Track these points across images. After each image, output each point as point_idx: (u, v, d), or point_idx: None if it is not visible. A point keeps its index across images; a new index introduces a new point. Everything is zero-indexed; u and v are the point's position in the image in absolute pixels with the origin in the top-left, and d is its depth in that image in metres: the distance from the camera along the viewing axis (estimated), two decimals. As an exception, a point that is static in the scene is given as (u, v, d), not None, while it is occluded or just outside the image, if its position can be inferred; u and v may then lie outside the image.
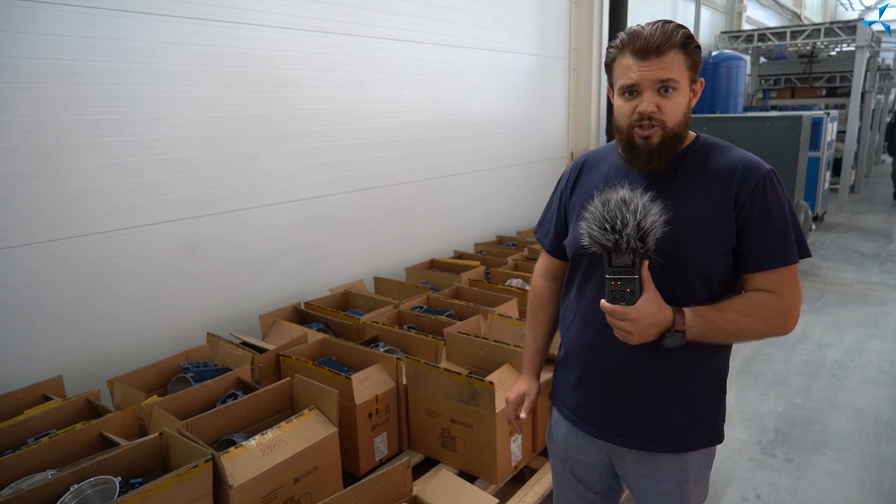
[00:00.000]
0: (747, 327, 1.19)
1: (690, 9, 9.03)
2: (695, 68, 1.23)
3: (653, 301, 1.15)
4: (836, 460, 2.76)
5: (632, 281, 1.15)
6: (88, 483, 1.63)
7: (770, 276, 1.21)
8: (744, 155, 1.26)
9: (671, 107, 1.20)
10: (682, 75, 1.20)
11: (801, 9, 14.47)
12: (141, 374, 2.43)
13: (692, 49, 1.21)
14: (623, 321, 1.15)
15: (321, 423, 1.97)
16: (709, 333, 1.18)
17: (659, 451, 1.33)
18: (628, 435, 1.34)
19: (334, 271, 3.70)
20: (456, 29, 4.39)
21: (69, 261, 2.51)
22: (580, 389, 1.40)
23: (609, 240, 1.14)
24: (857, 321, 4.49)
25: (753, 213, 1.19)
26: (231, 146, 3.04)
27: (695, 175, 1.25)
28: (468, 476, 2.20)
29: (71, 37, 2.41)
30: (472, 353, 2.48)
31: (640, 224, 1.13)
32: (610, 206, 1.16)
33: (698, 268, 1.22)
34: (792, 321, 1.23)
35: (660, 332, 1.17)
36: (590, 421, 1.39)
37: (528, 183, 5.46)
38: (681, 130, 1.23)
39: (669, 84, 1.18)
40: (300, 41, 3.30)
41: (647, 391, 1.30)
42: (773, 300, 1.20)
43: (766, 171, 1.21)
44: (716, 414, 1.34)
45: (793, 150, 5.66)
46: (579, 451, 1.45)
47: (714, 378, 1.33)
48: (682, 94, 1.21)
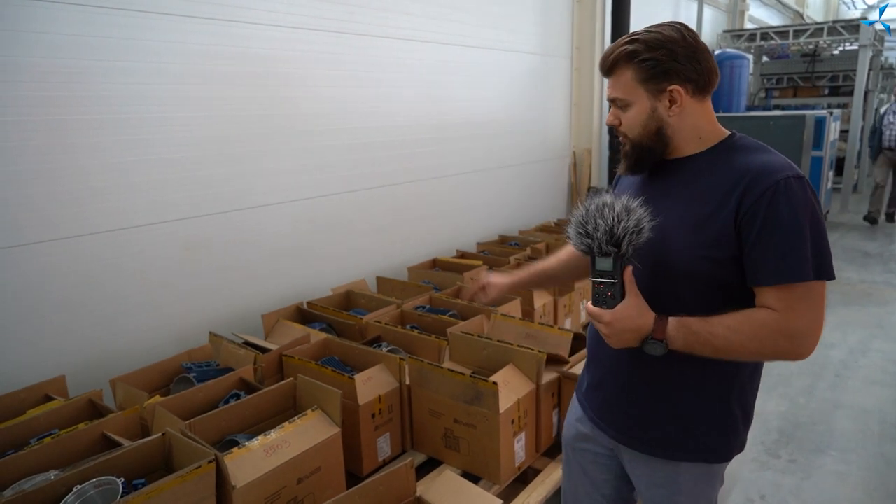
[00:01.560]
0: (739, 345, 1.12)
1: (693, 8, 9.01)
2: (654, 78, 1.19)
3: (633, 307, 1.15)
4: (840, 461, 2.75)
5: (612, 285, 1.16)
6: (91, 484, 1.62)
7: (775, 293, 1.11)
8: (766, 159, 1.16)
9: (627, 121, 1.25)
10: (633, 90, 1.21)
11: (803, 8, 14.44)
12: (143, 374, 2.42)
13: (640, 61, 1.18)
14: (600, 324, 1.18)
15: (324, 423, 1.97)
16: (693, 346, 1.14)
17: (648, 453, 1.32)
18: (620, 430, 1.35)
19: (337, 271, 3.69)
20: (459, 28, 4.38)
21: (71, 260, 2.50)
22: (589, 379, 1.46)
23: (583, 244, 1.17)
24: (861, 321, 4.48)
25: (756, 221, 1.10)
26: (234, 145, 3.04)
27: (703, 177, 1.21)
28: (471, 477, 2.19)
29: (72, 36, 2.40)
30: (476, 353, 2.47)
31: (612, 230, 1.13)
32: (589, 210, 1.18)
33: (681, 271, 1.19)
34: (804, 347, 1.12)
35: (639, 338, 1.17)
36: (593, 409, 1.43)
37: (530, 182, 5.45)
38: (645, 141, 1.24)
39: (618, 102, 1.24)
40: (303, 40, 3.29)
41: (638, 393, 1.30)
42: (773, 319, 1.10)
43: (782, 177, 1.11)
44: (716, 430, 1.27)
45: (796, 149, 5.65)
46: (585, 440, 1.47)
47: (712, 393, 1.25)
48: (638, 108, 1.22)
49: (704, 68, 1.20)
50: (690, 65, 1.18)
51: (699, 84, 1.20)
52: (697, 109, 1.23)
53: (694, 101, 1.21)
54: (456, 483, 1.96)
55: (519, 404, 2.21)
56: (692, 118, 1.22)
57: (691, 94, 1.20)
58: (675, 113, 1.21)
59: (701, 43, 1.21)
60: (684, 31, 1.20)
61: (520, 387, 2.25)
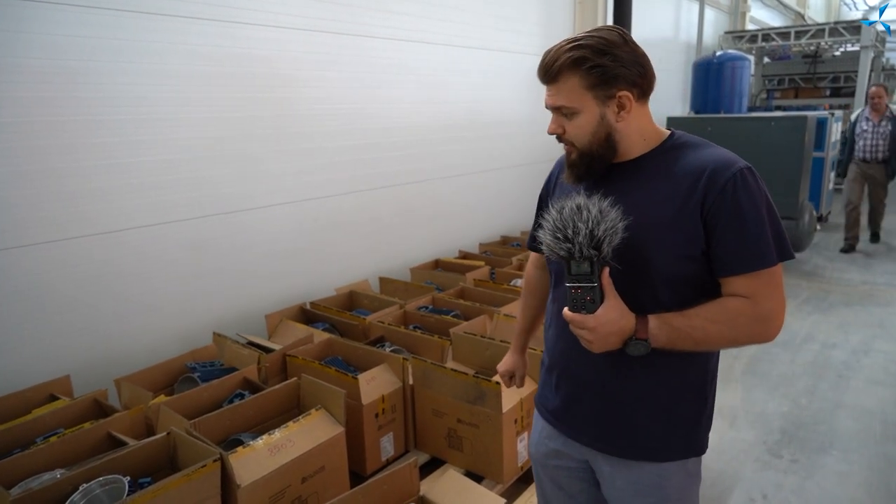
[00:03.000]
0: (717, 335, 1.15)
1: (694, 9, 9.01)
2: (603, 84, 1.17)
3: (614, 309, 1.14)
4: (842, 461, 2.75)
5: (591, 289, 1.13)
6: (97, 482, 1.63)
7: (744, 281, 1.15)
8: (716, 153, 1.19)
9: (574, 129, 1.21)
10: (579, 97, 1.18)
11: (804, 9, 14.45)
12: (148, 373, 2.43)
13: (587, 68, 1.17)
14: (582, 330, 1.14)
15: (328, 422, 1.98)
16: (675, 341, 1.15)
17: (633, 458, 1.29)
18: (603, 440, 1.31)
19: (340, 271, 3.70)
20: (461, 29, 4.39)
21: (75, 261, 2.52)
22: (558, 393, 1.39)
23: (563, 248, 1.13)
24: (863, 322, 4.47)
25: (722, 214, 1.13)
26: (237, 146, 3.05)
27: (661, 177, 1.22)
28: (474, 476, 2.20)
29: (74, 37, 2.42)
30: (478, 353, 2.48)
31: (592, 232, 1.11)
32: (564, 214, 1.15)
33: (662, 273, 1.19)
34: (773, 328, 1.17)
35: (622, 340, 1.15)
36: (568, 423, 1.37)
37: (532, 183, 5.45)
38: (594, 149, 1.22)
39: (564, 110, 1.21)
40: (306, 42, 3.30)
41: (618, 398, 1.27)
42: (747, 306, 1.14)
43: (737, 170, 1.15)
44: (695, 424, 1.29)
45: (797, 150, 5.65)
46: (559, 457, 1.42)
47: (692, 386, 1.27)
48: (587, 115, 1.20)
49: (647, 72, 1.21)
50: (635, 69, 1.18)
51: (643, 88, 1.21)
52: (641, 112, 1.23)
53: (638, 105, 1.21)
54: (459, 482, 1.97)
55: (521, 404, 2.22)
56: (637, 121, 1.22)
57: (636, 99, 1.20)
58: (623, 118, 1.20)
59: (639, 47, 1.21)
60: (625, 35, 1.19)
61: (522, 387, 2.26)
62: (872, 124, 6.12)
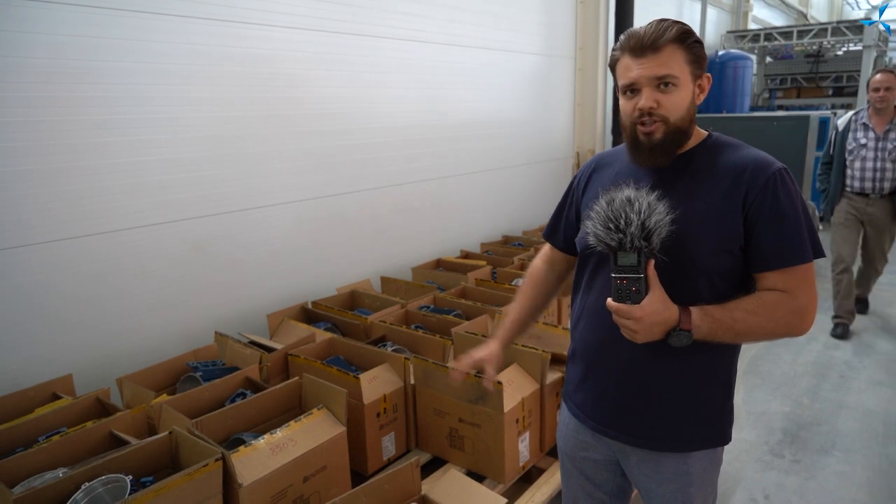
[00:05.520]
0: (757, 327, 1.18)
1: (696, 8, 9.00)
2: (698, 63, 1.22)
3: (658, 300, 1.16)
4: (844, 461, 2.75)
5: (637, 280, 1.15)
6: (100, 481, 1.63)
7: (782, 275, 1.19)
8: (755, 153, 1.25)
9: (671, 102, 1.20)
10: (682, 70, 1.20)
11: (807, 8, 14.42)
12: (150, 372, 2.43)
13: (690, 43, 1.20)
14: (628, 320, 1.16)
15: (330, 422, 1.98)
16: (716, 333, 1.18)
17: (662, 450, 1.32)
18: (631, 433, 1.33)
19: (341, 271, 3.70)
20: (462, 29, 4.39)
21: (77, 260, 2.52)
22: (585, 386, 1.41)
23: (613, 239, 1.15)
24: (865, 321, 4.47)
25: (763, 211, 1.18)
26: (238, 146, 3.05)
27: (703, 173, 1.25)
28: (476, 476, 2.20)
29: (77, 37, 2.41)
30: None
31: (643, 223, 1.13)
32: (614, 205, 1.17)
33: (703, 266, 1.22)
34: (807, 321, 1.21)
35: (666, 330, 1.18)
36: (594, 417, 1.39)
37: (533, 183, 5.46)
38: (684, 125, 1.23)
39: (667, 79, 1.19)
40: (308, 41, 3.30)
41: (650, 390, 1.30)
42: (785, 300, 1.19)
43: (776, 169, 1.20)
44: (721, 415, 1.33)
45: (800, 149, 5.65)
46: (587, 448, 1.45)
47: (720, 379, 1.31)
48: (684, 89, 1.21)
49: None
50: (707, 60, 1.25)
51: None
52: None
53: None
54: (461, 482, 1.97)
55: (523, 404, 2.22)
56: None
57: None
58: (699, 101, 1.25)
59: None
60: None
61: (524, 386, 2.26)
62: (875, 135, 3.88)
